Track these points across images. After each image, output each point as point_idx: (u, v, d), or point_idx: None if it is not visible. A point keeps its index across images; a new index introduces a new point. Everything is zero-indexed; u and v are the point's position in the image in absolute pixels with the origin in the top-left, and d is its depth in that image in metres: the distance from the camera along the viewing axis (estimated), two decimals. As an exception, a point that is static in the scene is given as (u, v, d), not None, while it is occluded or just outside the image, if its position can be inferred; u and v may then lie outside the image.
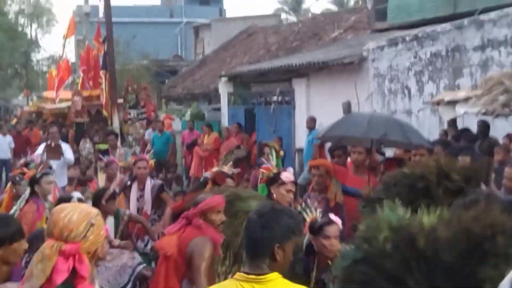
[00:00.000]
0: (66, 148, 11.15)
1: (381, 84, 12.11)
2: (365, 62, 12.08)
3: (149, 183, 8.12)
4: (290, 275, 3.06)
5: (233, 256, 3.56)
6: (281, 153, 8.54)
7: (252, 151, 14.75)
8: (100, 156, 10.26)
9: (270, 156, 6.93)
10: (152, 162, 10.25)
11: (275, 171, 6.09)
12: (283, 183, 5.79)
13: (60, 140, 11.43)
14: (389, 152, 8.40)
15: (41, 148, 10.90)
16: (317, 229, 4.49)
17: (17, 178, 7.17)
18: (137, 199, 8.13)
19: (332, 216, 4.69)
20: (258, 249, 2.90)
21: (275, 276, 2.84)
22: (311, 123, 13.17)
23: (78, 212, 2.68)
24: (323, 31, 20.22)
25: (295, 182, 5.96)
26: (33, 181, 6.67)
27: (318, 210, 4.77)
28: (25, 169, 7.25)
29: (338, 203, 6.37)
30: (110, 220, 6.89)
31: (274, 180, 5.87)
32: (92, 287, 2.66)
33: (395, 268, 2.23)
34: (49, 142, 11.10)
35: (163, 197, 8.04)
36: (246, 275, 2.85)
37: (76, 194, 6.08)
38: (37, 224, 6.34)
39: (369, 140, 6.96)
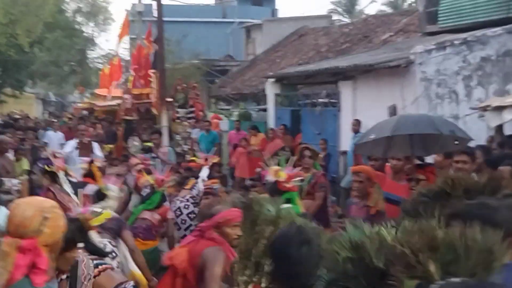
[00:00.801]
0: (95, 146, 11.41)
1: (428, 88, 11.93)
2: (412, 65, 11.91)
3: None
4: None
5: (255, 265, 3.52)
6: (320, 155, 8.48)
7: (296, 153, 14.68)
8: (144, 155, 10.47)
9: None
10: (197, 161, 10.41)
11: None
12: None
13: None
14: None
15: (70, 144, 11.18)
16: None
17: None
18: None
19: None
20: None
21: None
22: (357, 126, 13.09)
23: (31, 207, 2.73)
24: (373, 34, 20.05)
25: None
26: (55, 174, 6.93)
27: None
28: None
29: (378, 211, 6.30)
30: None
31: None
32: (47, 278, 2.69)
33: (360, 287, 2.17)
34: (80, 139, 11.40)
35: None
36: None
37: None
38: None
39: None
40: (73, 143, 11.33)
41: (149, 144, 12.92)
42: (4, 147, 10.35)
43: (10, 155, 11.41)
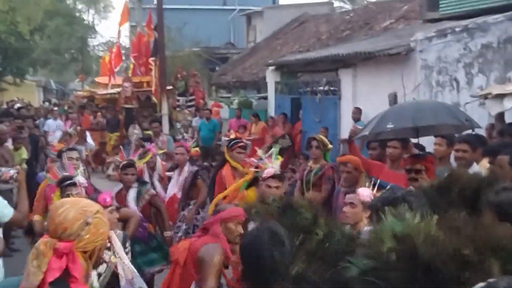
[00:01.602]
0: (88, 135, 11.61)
1: (428, 76, 11.84)
2: (413, 53, 11.82)
3: (186, 169, 8.37)
4: None
5: None
6: (329, 146, 8.38)
7: (296, 141, 14.67)
8: (143, 143, 10.49)
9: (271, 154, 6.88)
10: (196, 149, 10.49)
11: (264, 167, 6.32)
12: (264, 179, 6.06)
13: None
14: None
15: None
16: None
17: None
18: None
19: (362, 189, 5.03)
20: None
21: None
22: (357, 114, 13.03)
23: (75, 209, 2.61)
24: (374, 21, 19.92)
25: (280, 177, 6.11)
26: (58, 155, 7.53)
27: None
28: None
29: None
30: (132, 191, 7.14)
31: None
32: (85, 287, 2.58)
33: (400, 280, 2.14)
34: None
35: (197, 184, 8.15)
36: None
37: (79, 178, 6.23)
38: (53, 197, 6.51)
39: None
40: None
41: (149, 132, 12.91)
42: (2, 137, 10.30)
43: (9, 144, 11.37)
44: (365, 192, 5.03)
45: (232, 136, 8.97)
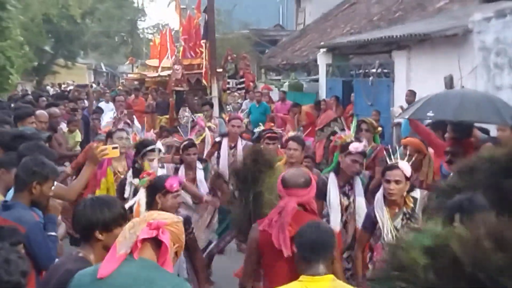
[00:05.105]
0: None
1: (486, 58, 11.51)
2: (470, 34, 11.50)
3: (240, 143, 8.25)
4: None
5: None
6: (379, 129, 8.29)
7: (347, 124, 14.44)
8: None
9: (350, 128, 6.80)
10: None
11: (348, 140, 6.17)
12: (350, 153, 5.93)
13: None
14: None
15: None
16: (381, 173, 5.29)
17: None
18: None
19: (401, 162, 5.16)
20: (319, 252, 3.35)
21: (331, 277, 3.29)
22: (411, 97, 12.75)
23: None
24: (428, 1, 19.45)
25: (363, 153, 6.06)
26: (108, 136, 7.48)
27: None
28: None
29: (429, 184, 6.12)
30: (200, 172, 7.25)
31: (344, 148, 6.05)
32: (171, 265, 2.89)
33: None
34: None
35: None
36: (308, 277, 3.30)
37: (158, 145, 6.43)
38: (102, 181, 6.54)
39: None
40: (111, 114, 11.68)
41: (199, 114, 12.87)
42: (55, 120, 10.41)
43: (63, 127, 11.51)
44: (406, 166, 5.15)
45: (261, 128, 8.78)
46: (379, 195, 5.18)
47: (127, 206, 4.33)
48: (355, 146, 5.96)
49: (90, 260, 3.31)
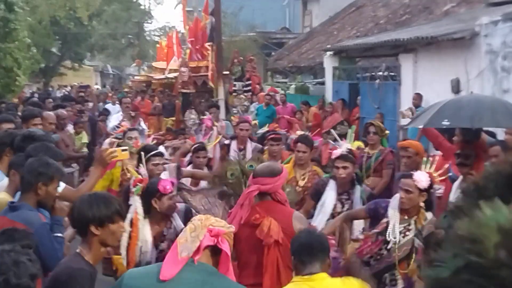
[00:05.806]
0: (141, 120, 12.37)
1: (493, 61, 11.49)
2: (477, 37, 11.48)
3: (250, 145, 8.28)
4: None
5: None
6: (386, 132, 8.29)
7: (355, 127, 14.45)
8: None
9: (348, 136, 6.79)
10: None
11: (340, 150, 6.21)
12: (334, 159, 6.03)
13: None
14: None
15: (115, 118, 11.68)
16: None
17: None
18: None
19: (418, 173, 5.03)
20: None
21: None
22: (417, 100, 12.74)
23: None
24: (434, 4, 19.45)
25: (349, 158, 6.03)
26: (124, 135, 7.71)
27: None
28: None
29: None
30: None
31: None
32: (233, 273, 3.02)
33: None
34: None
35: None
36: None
37: (161, 148, 6.56)
38: (106, 173, 6.60)
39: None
40: (118, 116, 11.69)
41: (204, 117, 12.88)
42: (62, 122, 10.44)
43: (70, 128, 11.55)
44: (422, 177, 4.98)
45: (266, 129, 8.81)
46: (397, 195, 5.16)
47: (126, 222, 4.40)
48: (334, 152, 6.07)
49: (85, 256, 3.36)
